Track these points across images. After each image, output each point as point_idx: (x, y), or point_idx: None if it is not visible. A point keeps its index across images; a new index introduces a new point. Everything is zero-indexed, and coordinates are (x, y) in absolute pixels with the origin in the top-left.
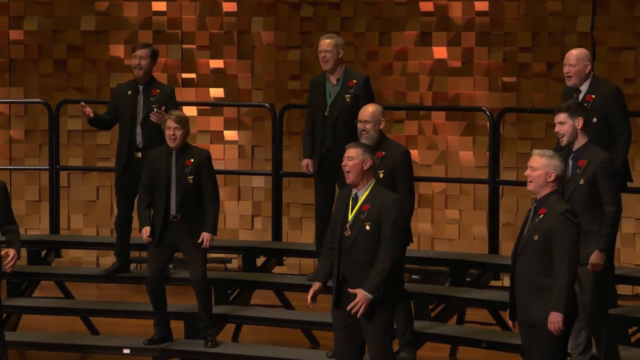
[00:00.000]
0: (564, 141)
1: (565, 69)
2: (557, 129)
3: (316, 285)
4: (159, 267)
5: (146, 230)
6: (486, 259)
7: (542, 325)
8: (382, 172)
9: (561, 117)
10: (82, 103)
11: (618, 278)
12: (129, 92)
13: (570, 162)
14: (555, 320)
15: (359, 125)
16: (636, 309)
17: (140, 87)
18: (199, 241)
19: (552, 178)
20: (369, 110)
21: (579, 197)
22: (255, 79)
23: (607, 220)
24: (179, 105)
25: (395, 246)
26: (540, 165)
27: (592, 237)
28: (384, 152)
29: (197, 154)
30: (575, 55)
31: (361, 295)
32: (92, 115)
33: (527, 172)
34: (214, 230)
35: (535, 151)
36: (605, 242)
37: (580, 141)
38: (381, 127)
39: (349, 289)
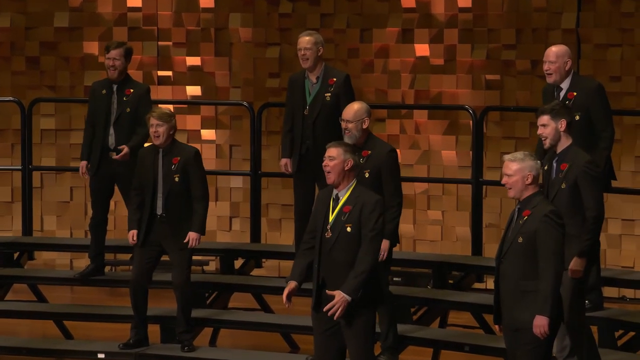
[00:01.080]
0: (547, 144)
1: (545, 66)
2: (540, 131)
3: (291, 285)
4: (144, 267)
5: (133, 233)
6: (469, 260)
7: (527, 330)
8: (368, 172)
9: (544, 119)
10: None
11: (604, 280)
12: (103, 91)
13: (554, 165)
14: (540, 324)
15: (342, 124)
16: (622, 311)
17: (115, 87)
18: (185, 241)
19: (529, 180)
20: (352, 109)
21: (561, 201)
22: (233, 77)
23: (588, 225)
24: (153, 104)
25: (376, 248)
26: (515, 171)
27: (573, 241)
28: (369, 152)
29: (184, 152)
30: (554, 52)
31: (339, 297)
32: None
33: (504, 180)
34: (201, 230)
35: (506, 157)
36: (586, 248)
37: (564, 143)
38: (365, 126)
39: (327, 291)
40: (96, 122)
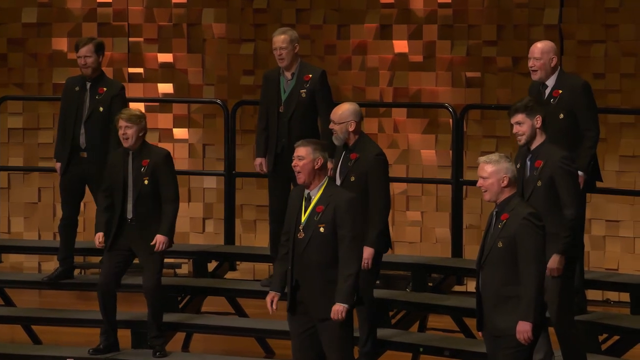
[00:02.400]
0: (523, 141)
1: (530, 63)
2: (515, 129)
3: (272, 295)
4: (112, 271)
5: (99, 236)
6: (449, 262)
7: (511, 336)
8: (354, 176)
9: (519, 117)
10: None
11: (587, 283)
12: (76, 88)
13: (528, 163)
14: (524, 329)
15: (331, 125)
16: (606, 315)
17: (88, 84)
18: (152, 243)
19: (505, 183)
20: (338, 111)
21: (537, 199)
22: (206, 74)
23: (566, 223)
24: (128, 103)
25: (360, 248)
26: (490, 173)
27: (552, 240)
28: (358, 155)
29: (154, 154)
30: (540, 48)
31: (335, 310)
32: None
33: (479, 183)
34: (169, 233)
35: (481, 159)
36: (564, 246)
37: (538, 140)
38: (351, 129)
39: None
40: (67, 120)
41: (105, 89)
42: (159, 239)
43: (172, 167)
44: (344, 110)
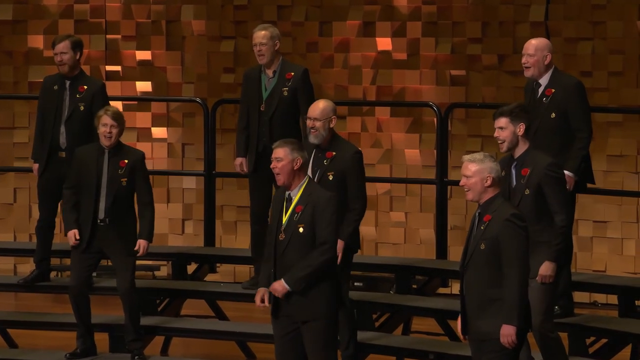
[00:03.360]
0: (504, 147)
1: (523, 59)
2: (496, 134)
3: (261, 291)
4: (84, 274)
5: (74, 233)
6: (434, 264)
7: (496, 340)
8: (332, 174)
9: (502, 121)
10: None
11: (574, 285)
12: (55, 87)
13: (513, 171)
14: (507, 333)
15: (308, 123)
16: (594, 317)
17: (67, 82)
18: (135, 249)
19: (489, 182)
20: (319, 107)
21: (526, 207)
22: (185, 72)
23: (557, 229)
24: (109, 101)
25: (333, 248)
26: (474, 172)
27: (541, 248)
28: (334, 153)
29: (132, 155)
30: (534, 44)
31: (278, 284)
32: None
33: (462, 182)
34: (149, 237)
35: (465, 157)
36: (555, 253)
37: (522, 148)
38: (332, 125)
39: (269, 289)
40: (46, 119)
41: (86, 87)
42: (143, 244)
43: (146, 168)
44: (325, 106)
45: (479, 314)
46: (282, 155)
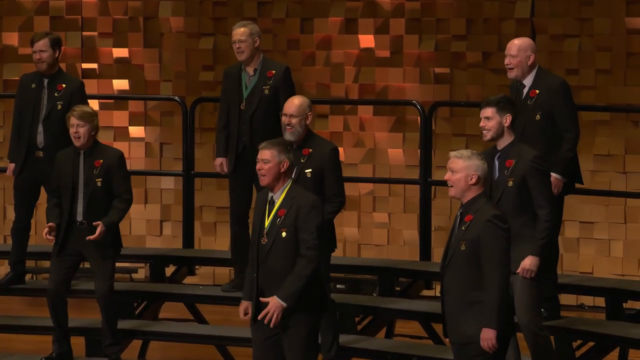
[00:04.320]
0: (488, 137)
1: (506, 60)
2: (482, 123)
3: (244, 306)
4: (62, 277)
5: (50, 225)
6: (417, 266)
7: (475, 343)
8: (310, 172)
9: (488, 111)
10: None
11: (561, 287)
12: (33, 85)
13: (497, 163)
14: (487, 337)
15: (284, 119)
16: (581, 320)
17: (45, 81)
18: (97, 232)
19: (473, 180)
20: (295, 103)
21: (508, 200)
22: (163, 70)
23: (541, 224)
24: (87, 100)
25: (319, 255)
26: (460, 168)
27: (524, 241)
28: (310, 150)
29: (108, 154)
30: (517, 45)
31: (273, 302)
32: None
33: (447, 176)
34: (109, 224)
35: (452, 153)
36: (540, 247)
37: (507, 139)
38: (308, 121)
39: (260, 298)
40: (23, 118)
41: (64, 85)
42: (100, 228)
43: (126, 168)
44: (301, 102)
45: (458, 317)
46: (269, 157)
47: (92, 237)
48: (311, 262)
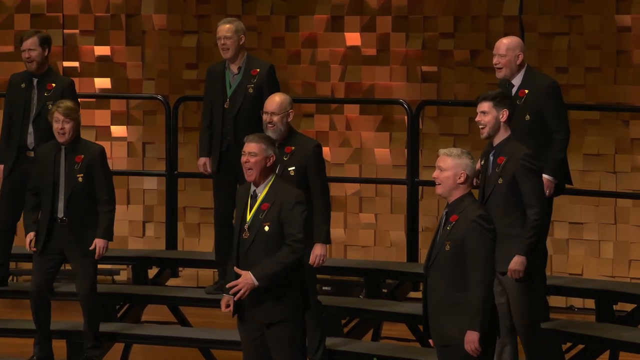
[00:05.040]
0: (484, 133)
1: (495, 60)
2: (478, 118)
3: (226, 299)
4: (44, 277)
5: (30, 235)
6: (404, 267)
7: (458, 346)
8: (293, 170)
9: (485, 106)
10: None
11: (550, 289)
12: (23, 85)
13: (491, 158)
14: (471, 340)
15: (265, 117)
16: (570, 322)
17: (35, 80)
18: (91, 248)
19: (462, 179)
20: (276, 100)
21: (498, 197)
22: (146, 68)
23: (529, 223)
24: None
25: (302, 248)
26: (449, 166)
27: (513, 242)
28: (293, 147)
29: (89, 150)
30: (505, 44)
31: (245, 278)
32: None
33: (435, 174)
34: (107, 236)
35: (442, 150)
36: (527, 247)
37: (502, 135)
38: (289, 119)
39: (235, 268)
40: (13, 119)
41: (54, 84)
42: (98, 244)
43: (107, 164)
44: (282, 99)
45: (441, 318)
46: (256, 150)
47: (96, 256)
48: (294, 252)
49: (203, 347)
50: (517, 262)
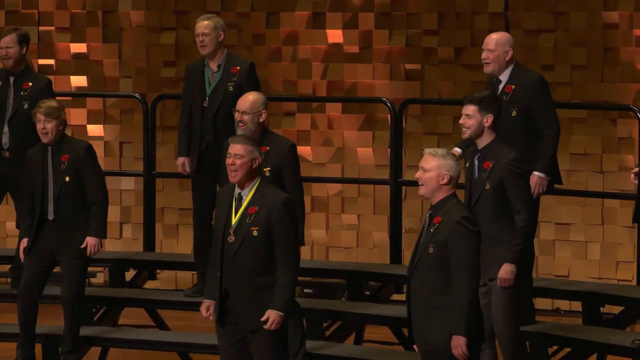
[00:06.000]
0: (467, 134)
1: (483, 55)
2: (462, 120)
3: (206, 304)
4: (35, 278)
5: (23, 243)
6: (387, 269)
7: (441, 350)
8: (269, 170)
9: (470, 109)
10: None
11: (536, 291)
12: None
13: (476, 162)
14: (457, 344)
15: (236, 116)
16: (557, 325)
17: (12, 79)
18: (83, 246)
19: (445, 180)
20: (248, 99)
21: (486, 203)
22: (123, 66)
23: (518, 229)
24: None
25: (298, 254)
26: (433, 167)
27: (501, 248)
28: (268, 147)
29: (74, 148)
30: (495, 39)
31: (272, 315)
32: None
33: (418, 174)
34: (100, 234)
35: (427, 150)
36: (516, 254)
37: (486, 139)
38: (261, 119)
39: (261, 320)
40: None
41: (30, 83)
42: (90, 242)
43: (95, 160)
44: (255, 99)
45: (425, 322)
46: (242, 152)
47: (88, 254)
48: (293, 262)
49: (182, 351)
50: (506, 271)
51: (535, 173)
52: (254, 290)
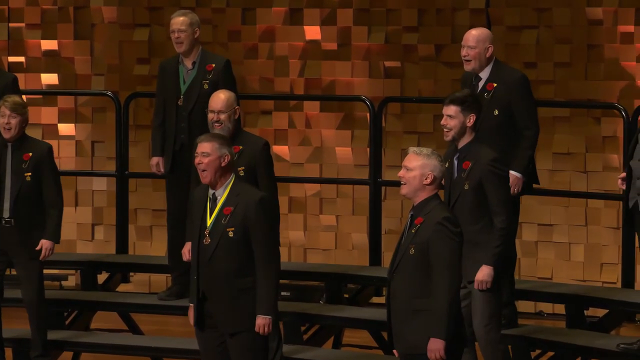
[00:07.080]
0: (449, 136)
1: (463, 52)
2: (444, 121)
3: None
4: None
5: None
6: (367, 271)
7: (422, 355)
8: (243, 170)
9: (452, 109)
10: None
11: (518, 293)
12: None
13: (455, 162)
14: (435, 347)
15: (211, 116)
16: (539, 328)
17: None
18: (37, 249)
19: (428, 180)
20: (221, 98)
21: (464, 204)
22: (95, 63)
23: (496, 231)
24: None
25: (278, 255)
26: (416, 166)
27: (481, 248)
28: (241, 147)
29: (37, 147)
30: (475, 35)
31: (260, 321)
32: None
33: (401, 173)
34: (54, 238)
35: (411, 149)
36: (494, 257)
37: (467, 138)
38: (236, 116)
39: (258, 325)
40: None
41: None
42: (45, 245)
43: (54, 163)
44: (228, 96)
45: (405, 325)
46: (209, 150)
47: (41, 257)
48: (273, 265)
49: (155, 356)
50: (484, 273)
51: (511, 172)
52: (232, 292)
